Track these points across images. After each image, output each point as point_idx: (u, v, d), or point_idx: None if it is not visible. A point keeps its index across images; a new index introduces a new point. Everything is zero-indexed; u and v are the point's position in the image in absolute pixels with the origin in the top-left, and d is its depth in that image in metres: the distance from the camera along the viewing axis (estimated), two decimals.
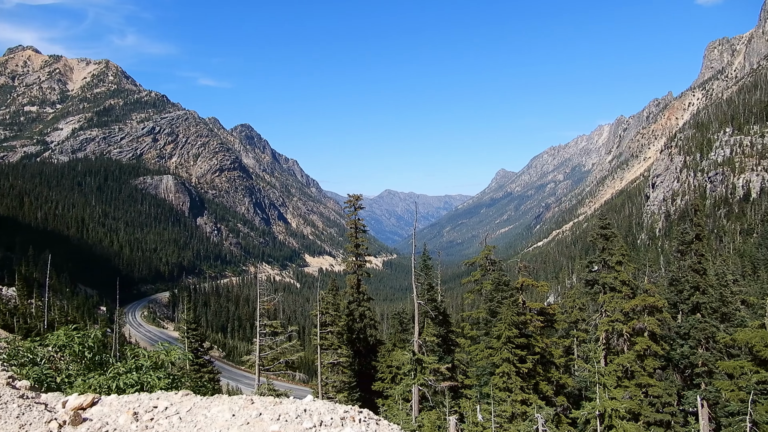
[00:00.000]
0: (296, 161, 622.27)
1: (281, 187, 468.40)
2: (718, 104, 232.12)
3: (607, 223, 34.02)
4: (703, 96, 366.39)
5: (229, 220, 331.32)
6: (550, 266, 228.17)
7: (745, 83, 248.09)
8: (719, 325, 31.36)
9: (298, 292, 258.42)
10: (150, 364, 9.55)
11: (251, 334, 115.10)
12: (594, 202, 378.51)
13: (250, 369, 61.86)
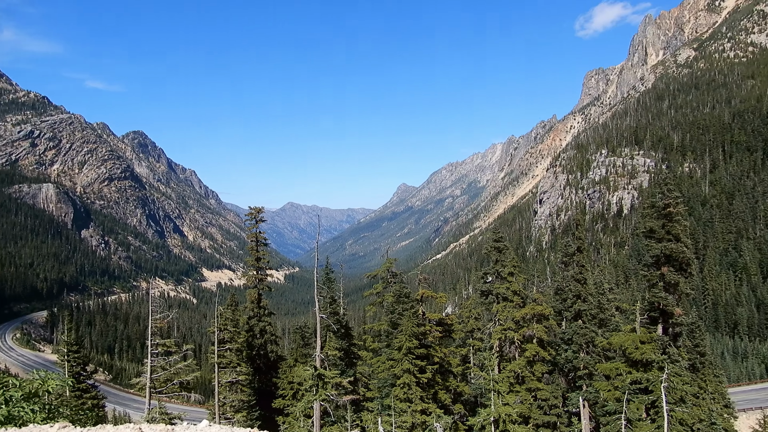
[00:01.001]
0: (194, 171, 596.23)
1: (177, 198, 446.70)
2: (595, 128, 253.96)
3: (500, 237, 36.00)
4: (583, 120, 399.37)
5: (118, 232, 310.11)
6: (448, 278, 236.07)
7: (617, 110, 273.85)
8: (598, 330, 34.17)
9: (195, 309, 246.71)
10: (22, 395, 8.53)
11: (142, 354, 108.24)
12: (488, 216, 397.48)
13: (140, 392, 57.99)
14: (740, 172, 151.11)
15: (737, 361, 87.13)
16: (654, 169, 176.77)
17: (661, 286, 25.94)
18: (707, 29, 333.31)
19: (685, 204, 31.45)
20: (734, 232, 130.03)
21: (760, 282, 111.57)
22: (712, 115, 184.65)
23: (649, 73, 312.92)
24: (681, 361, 26.02)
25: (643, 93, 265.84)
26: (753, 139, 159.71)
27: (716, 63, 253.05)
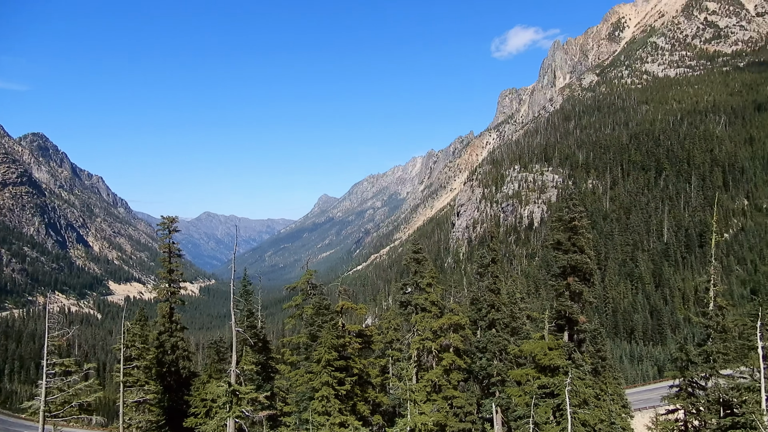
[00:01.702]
0: (101, 178, 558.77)
1: (82, 205, 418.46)
2: (509, 145, 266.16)
3: (419, 248, 36.79)
4: (498, 136, 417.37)
5: (12, 242, 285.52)
6: (369, 289, 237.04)
7: (529, 128, 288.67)
8: (510, 338, 35.65)
9: (100, 325, 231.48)
10: None
11: (37, 375, 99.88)
12: (408, 228, 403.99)
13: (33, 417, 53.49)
14: (636, 189, 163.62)
15: (634, 364, 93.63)
16: (562, 184, 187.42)
17: (568, 296, 27.52)
18: (608, 57, 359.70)
19: (588, 218, 33.72)
20: (631, 245, 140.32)
21: (653, 290, 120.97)
22: (612, 136, 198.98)
23: (558, 95, 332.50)
24: (584, 365, 27.67)
25: (552, 113, 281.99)
26: (647, 159, 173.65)
27: (616, 88, 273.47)
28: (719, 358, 25.30)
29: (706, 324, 25.56)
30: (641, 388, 71.36)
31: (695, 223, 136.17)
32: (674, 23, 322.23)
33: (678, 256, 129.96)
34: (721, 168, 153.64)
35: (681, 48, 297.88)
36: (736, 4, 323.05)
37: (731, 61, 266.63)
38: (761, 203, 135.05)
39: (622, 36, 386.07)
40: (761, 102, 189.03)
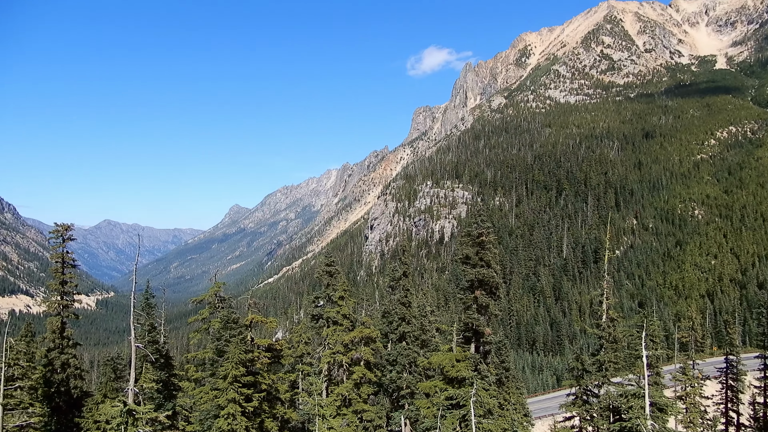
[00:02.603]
0: None
1: None
2: (422, 161, 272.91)
3: (332, 261, 36.64)
4: (412, 152, 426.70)
5: None
6: (280, 302, 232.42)
7: (441, 146, 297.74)
8: (420, 351, 36.24)
9: None
10: None
11: None
12: (322, 240, 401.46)
13: None
14: (539, 207, 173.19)
15: (535, 374, 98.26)
16: (471, 201, 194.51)
17: (475, 308, 28.44)
18: (516, 81, 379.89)
19: (495, 234, 35.23)
20: (534, 260, 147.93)
21: (554, 303, 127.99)
22: (518, 156, 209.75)
23: (469, 115, 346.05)
24: (490, 376, 28.65)
25: (464, 132, 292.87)
26: (549, 178, 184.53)
27: (522, 111, 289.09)
28: (611, 367, 27.09)
29: (599, 335, 27.32)
30: (541, 396, 74.99)
31: (591, 240, 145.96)
32: (574, 53, 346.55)
33: (576, 271, 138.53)
34: (613, 189, 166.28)
35: (580, 77, 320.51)
36: (628, 39, 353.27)
37: (623, 92, 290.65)
38: (648, 223, 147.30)
39: (529, 62, 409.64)
40: (648, 130, 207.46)
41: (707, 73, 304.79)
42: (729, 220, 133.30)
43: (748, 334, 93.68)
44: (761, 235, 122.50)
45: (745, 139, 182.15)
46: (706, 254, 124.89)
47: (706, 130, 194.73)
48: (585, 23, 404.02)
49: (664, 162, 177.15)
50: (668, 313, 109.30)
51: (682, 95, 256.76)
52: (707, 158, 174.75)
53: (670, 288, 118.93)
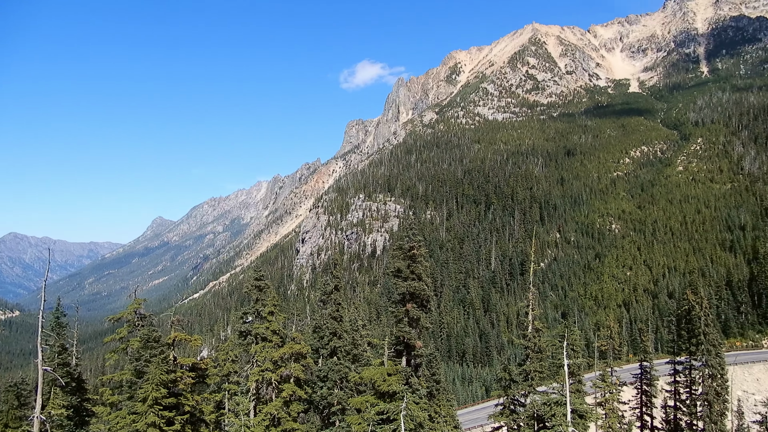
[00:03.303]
0: None
1: None
2: (355, 174, 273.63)
3: (261, 275, 35.60)
4: (344, 165, 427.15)
5: None
6: (206, 319, 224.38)
7: (374, 159, 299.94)
8: (351, 366, 35.81)
9: None
10: None
11: None
12: (251, 254, 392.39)
13: None
14: (469, 220, 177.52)
15: (465, 385, 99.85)
16: (403, 214, 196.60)
17: (406, 322, 28.45)
18: (446, 97, 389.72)
19: (427, 247, 35.58)
20: (464, 272, 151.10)
21: (483, 315, 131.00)
22: (449, 171, 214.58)
23: (401, 129, 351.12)
24: (421, 389, 28.66)
25: (396, 146, 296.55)
26: (478, 193, 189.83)
27: (452, 127, 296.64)
28: (536, 377, 27.80)
29: (526, 345, 28.01)
30: (471, 408, 76.18)
31: (518, 253, 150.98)
32: (502, 73, 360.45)
33: (503, 283, 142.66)
34: (538, 204, 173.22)
35: (507, 95, 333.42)
36: (551, 61, 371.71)
37: (547, 111, 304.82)
38: (570, 236, 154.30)
39: (459, 79, 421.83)
40: (570, 148, 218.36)
41: (622, 96, 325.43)
42: (642, 234, 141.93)
43: (660, 341, 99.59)
44: (670, 248, 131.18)
45: (656, 158, 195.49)
46: (622, 266, 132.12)
47: (622, 149, 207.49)
48: (511, 44, 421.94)
49: (584, 178, 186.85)
50: (589, 322, 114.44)
51: (600, 116, 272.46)
52: (623, 175, 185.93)
53: (590, 298, 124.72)
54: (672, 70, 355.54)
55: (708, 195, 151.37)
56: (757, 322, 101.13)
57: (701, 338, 43.74)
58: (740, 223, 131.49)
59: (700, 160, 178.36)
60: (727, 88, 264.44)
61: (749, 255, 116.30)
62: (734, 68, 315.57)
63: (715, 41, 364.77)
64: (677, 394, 46.73)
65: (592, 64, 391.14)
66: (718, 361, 44.01)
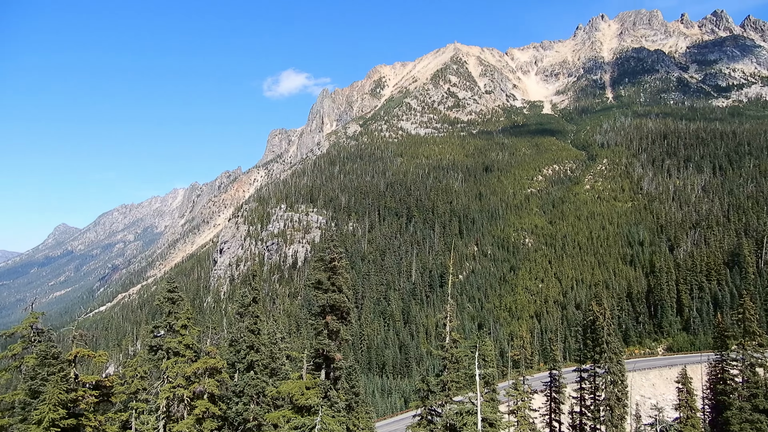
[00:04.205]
0: None
1: None
2: (277, 183, 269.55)
3: (175, 287, 34.11)
4: (266, 174, 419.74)
5: None
6: (113, 333, 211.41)
7: (296, 169, 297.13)
8: (269, 380, 34.95)
9: None
10: None
11: None
12: (165, 264, 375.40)
13: None
14: (391, 233, 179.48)
15: (384, 397, 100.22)
16: (325, 225, 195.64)
17: (326, 334, 28.23)
18: (371, 110, 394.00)
19: (348, 259, 35.55)
20: (385, 284, 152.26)
21: (403, 327, 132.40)
22: (371, 183, 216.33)
23: (325, 140, 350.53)
24: (339, 402, 28.45)
25: (319, 157, 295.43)
26: (400, 206, 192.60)
27: (376, 140, 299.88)
28: (453, 387, 28.41)
29: (443, 356, 28.59)
30: (390, 419, 76.54)
31: (437, 266, 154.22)
32: (425, 89, 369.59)
33: (423, 295, 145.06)
34: (457, 218, 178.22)
35: (429, 111, 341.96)
36: (471, 80, 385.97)
37: (467, 128, 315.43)
38: (487, 249, 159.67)
39: (383, 93, 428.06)
40: (488, 164, 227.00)
41: (536, 117, 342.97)
42: (553, 248, 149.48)
43: (569, 350, 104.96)
44: (578, 261, 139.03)
45: (566, 176, 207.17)
46: (534, 278, 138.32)
47: (535, 167, 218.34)
48: (434, 62, 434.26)
49: (501, 194, 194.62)
50: (503, 333, 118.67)
51: (516, 135, 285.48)
52: (536, 192, 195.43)
53: (505, 310, 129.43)
54: (581, 94, 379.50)
55: (612, 212, 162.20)
56: (653, 331, 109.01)
57: (604, 347, 46.53)
58: (639, 239, 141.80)
59: (605, 180, 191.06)
60: (629, 113, 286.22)
61: (647, 269, 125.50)
62: (635, 96, 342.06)
63: (619, 70, 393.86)
64: (583, 400, 49.36)
65: (510, 85, 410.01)
66: (619, 368, 46.98)
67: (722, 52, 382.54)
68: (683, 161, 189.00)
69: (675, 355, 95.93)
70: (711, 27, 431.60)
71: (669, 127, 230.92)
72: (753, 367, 42.67)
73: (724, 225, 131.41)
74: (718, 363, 44.25)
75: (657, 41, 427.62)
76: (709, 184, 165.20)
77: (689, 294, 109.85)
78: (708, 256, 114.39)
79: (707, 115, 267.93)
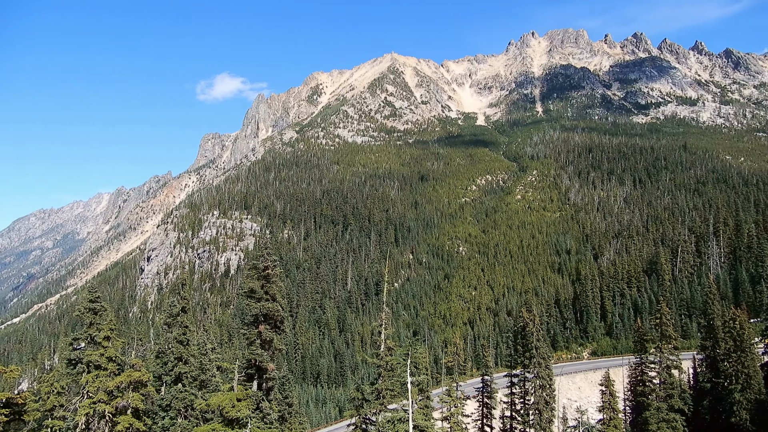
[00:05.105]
0: None
1: None
2: (209, 189, 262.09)
3: (97, 297, 32.36)
4: (198, 180, 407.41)
5: None
6: (28, 346, 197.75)
7: (230, 175, 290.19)
8: (198, 393, 33.71)
9: None
10: None
11: None
12: (87, 273, 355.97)
13: None
14: (327, 240, 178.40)
15: (319, 407, 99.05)
16: (259, 233, 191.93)
17: (259, 344, 27.60)
18: (307, 117, 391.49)
19: (283, 267, 34.94)
20: (320, 292, 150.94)
21: (338, 335, 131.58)
22: (308, 190, 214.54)
23: (260, 146, 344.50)
24: (272, 413, 27.84)
25: (254, 163, 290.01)
26: (336, 213, 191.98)
27: (312, 147, 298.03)
28: (387, 395, 28.42)
29: (378, 364, 28.58)
30: (324, 429, 75.76)
31: (373, 273, 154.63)
32: (362, 97, 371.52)
33: (359, 303, 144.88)
34: (393, 226, 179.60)
35: (366, 119, 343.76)
36: (408, 91, 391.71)
37: (403, 137, 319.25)
38: (422, 258, 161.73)
39: (320, 100, 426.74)
40: (424, 174, 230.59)
41: (471, 128, 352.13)
42: (486, 256, 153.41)
43: (500, 356, 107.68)
44: (509, 269, 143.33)
45: (499, 186, 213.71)
46: (468, 286, 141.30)
47: (470, 177, 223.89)
48: (372, 71, 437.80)
49: (436, 203, 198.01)
50: (438, 340, 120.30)
51: (451, 145, 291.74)
52: (470, 201, 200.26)
53: (439, 317, 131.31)
54: (513, 107, 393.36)
55: (541, 222, 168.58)
56: (580, 336, 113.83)
57: (534, 352, 48.09)
58: (566, 247, 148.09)
59: (535, 190, 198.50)
60: (558, 127, 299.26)
61: (573, 276, 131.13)
62: (563, 110, 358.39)
63: (549, 85, 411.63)
64: (513, 404, 50.73)
65: (445, 96, 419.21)
66: (548, 373, 48.66)
67: (642, 72, 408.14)
68: (607, 174, 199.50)
69: (599, 359, 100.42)
70: (632, 48, 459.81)
71: (594, 141, 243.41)
72: (669, 369, 45.31)
73: (644, 235, 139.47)
74: (637, 366, 46.65)
75: (583, 59, 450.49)
76: (630, 196, 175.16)
77: (612, 300, 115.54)
78: (629, 264, 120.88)
79: (628, 131, 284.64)
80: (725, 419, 45.52)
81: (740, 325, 46.47)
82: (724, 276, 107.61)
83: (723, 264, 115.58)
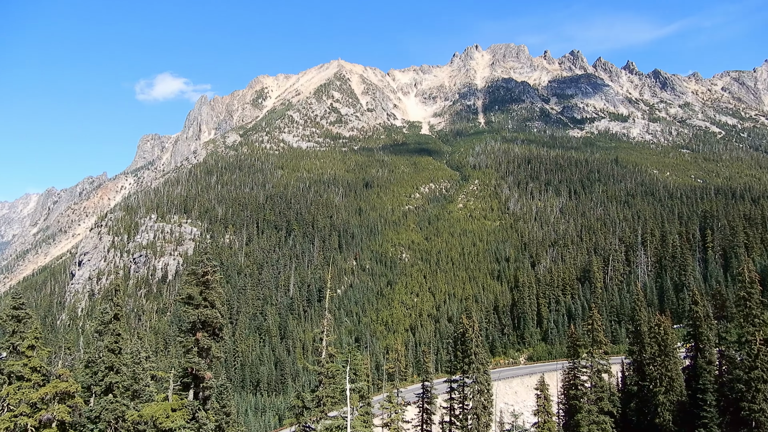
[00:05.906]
0: None
1: None
2: (147, 192, 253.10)
3: (21, 303, 30.69)
4: (135, 182, 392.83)
5: None
6: None
7: (170, 177, 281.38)
8: (130, 403, 32.44)
9: None
10: None
11: None
12: (11, 278, 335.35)
13: None
14: (269, 246, 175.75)
15: (258, 416, 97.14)
16: (200, 237, 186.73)
17: (196, 351, 26.91)
18: (252, 121, 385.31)
19: (223, 272, 34.27)
20: (262, 299, 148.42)
21: (279, 342, 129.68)
22: (251, 195, 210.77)
23: (202, 149, 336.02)
24: (209, 424, 27.15)
25: (195, 166, 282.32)
26: (280, 219, 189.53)
27: (256, 151, 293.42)
28: (328, 402, 28.38)
29: (319, 371, 28.51)
30: None
31: (316, 280, 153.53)
32: (308, 103, 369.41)
33: (301, 310, 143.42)
34: (337, 232, 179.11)
35: (312, 125, 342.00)
36: (354, 98, 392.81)
37: (349, 144, 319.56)
38: (365, 264, 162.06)
39: (265, 104, 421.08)
40: (368, 180, 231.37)
41: (415, 137, 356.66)
42: (428, 263, 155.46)
43: (440, 362, 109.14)
44: (451, 276, 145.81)
45: (441, 195, 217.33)
46: (410, 293, 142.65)
47: (413, 185, 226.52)
48: (318, 76, 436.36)
49: (380, 210, 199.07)
50: (380, 346, 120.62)
51: (395, 153, 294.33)
52: (413, 209, 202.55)
53: (382, 323, 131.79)
54: (456, 118, 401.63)
55: (482, 230, 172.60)
56: (517, 342, 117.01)
57: (473, 358, 49.12)
58: (506, 255, 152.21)
59: (476, 199, 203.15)
60: (499, 138, 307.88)
61: (512, 283, 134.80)
62: (504, 122, 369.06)
63: (491, 97, 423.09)
64: (452, 409, 51.55)
65: (391, 104, 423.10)
66: (486, 378, 49.79)
67: (578, 88, 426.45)
68: (544, 185, 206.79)
69: (535, 363, 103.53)
70: (569, 65, 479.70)
71: (533, 153, 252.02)
72: (599, 373, 47.37)
73: (578, 244, 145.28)
74: (570, 370, 48.47)
75: (524, 73, 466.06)
76: (565, 207, 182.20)
77: (548, 307, 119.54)
78: (564, 272, 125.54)
79: (565, 144, 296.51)
80: (650, 420, 47.95)
81: (664, 330, 49.13)
82: (650, 284, 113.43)
83: (650, 272, 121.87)
